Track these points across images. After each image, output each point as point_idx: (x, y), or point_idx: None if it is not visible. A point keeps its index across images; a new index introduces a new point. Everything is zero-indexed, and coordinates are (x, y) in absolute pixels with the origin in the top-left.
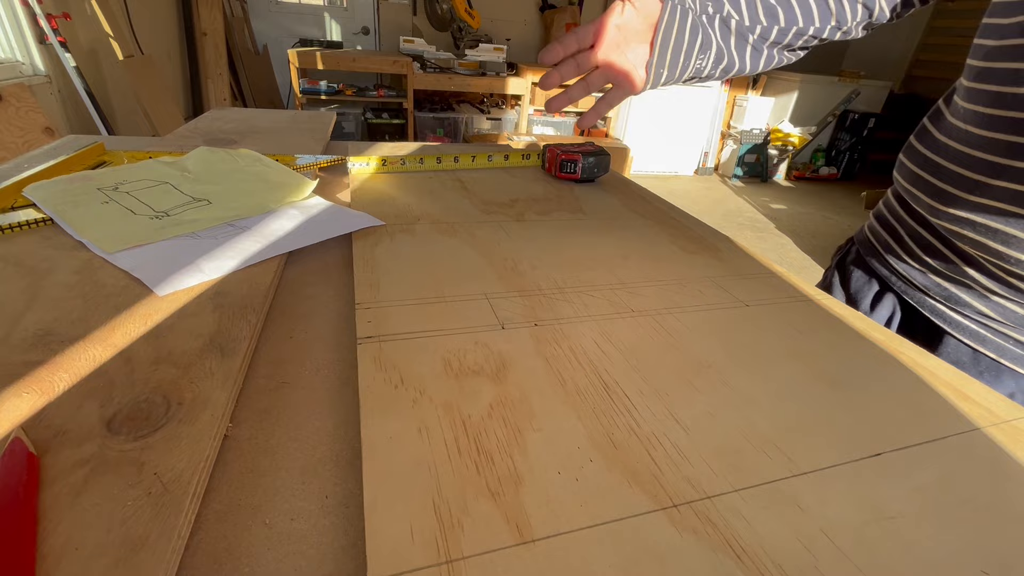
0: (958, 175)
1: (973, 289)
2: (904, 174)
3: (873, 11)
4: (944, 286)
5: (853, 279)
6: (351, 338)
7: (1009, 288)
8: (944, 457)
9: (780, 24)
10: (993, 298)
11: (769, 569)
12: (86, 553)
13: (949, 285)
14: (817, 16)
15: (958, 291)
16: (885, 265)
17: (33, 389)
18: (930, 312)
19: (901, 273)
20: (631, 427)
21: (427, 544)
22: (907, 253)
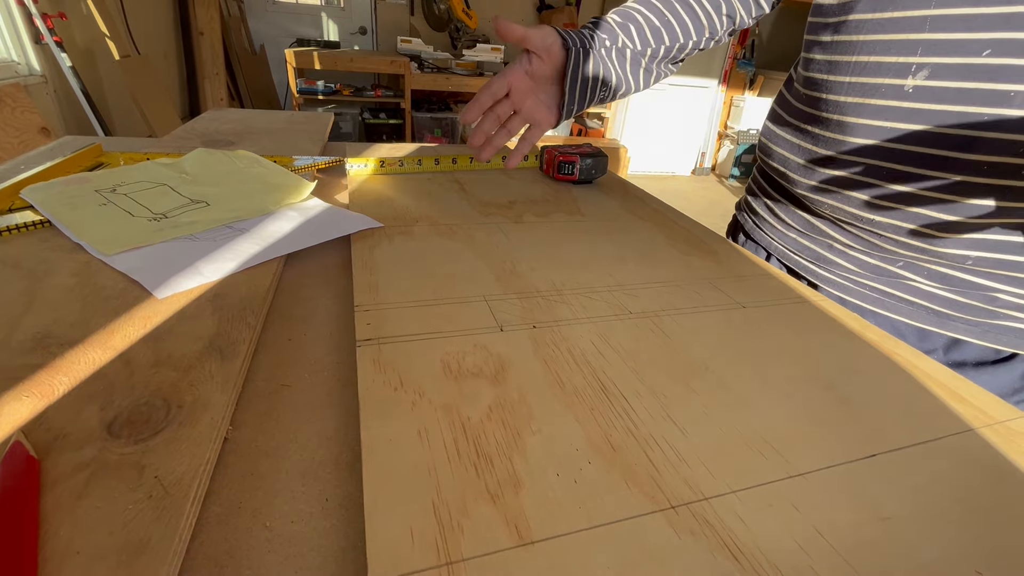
0: (806, 149)
1: (836, 248)
2: (763, 150)
3: (735, 19)
4: (813, 248)
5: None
6: (350, 340)
7: (865, 243)
8: (938, 458)
9: (665, 43)
10: (852, 253)
11: (766, 569)
12: (88, 556)
13: (817, 248)
14: (694, 31)
15: (824, 252)
16: (762, 232)
17: (33, 392)
18: (804, 272)
19: (775, 238)
20: (629, 429)
21: (427, 546)
22: (781, 224)
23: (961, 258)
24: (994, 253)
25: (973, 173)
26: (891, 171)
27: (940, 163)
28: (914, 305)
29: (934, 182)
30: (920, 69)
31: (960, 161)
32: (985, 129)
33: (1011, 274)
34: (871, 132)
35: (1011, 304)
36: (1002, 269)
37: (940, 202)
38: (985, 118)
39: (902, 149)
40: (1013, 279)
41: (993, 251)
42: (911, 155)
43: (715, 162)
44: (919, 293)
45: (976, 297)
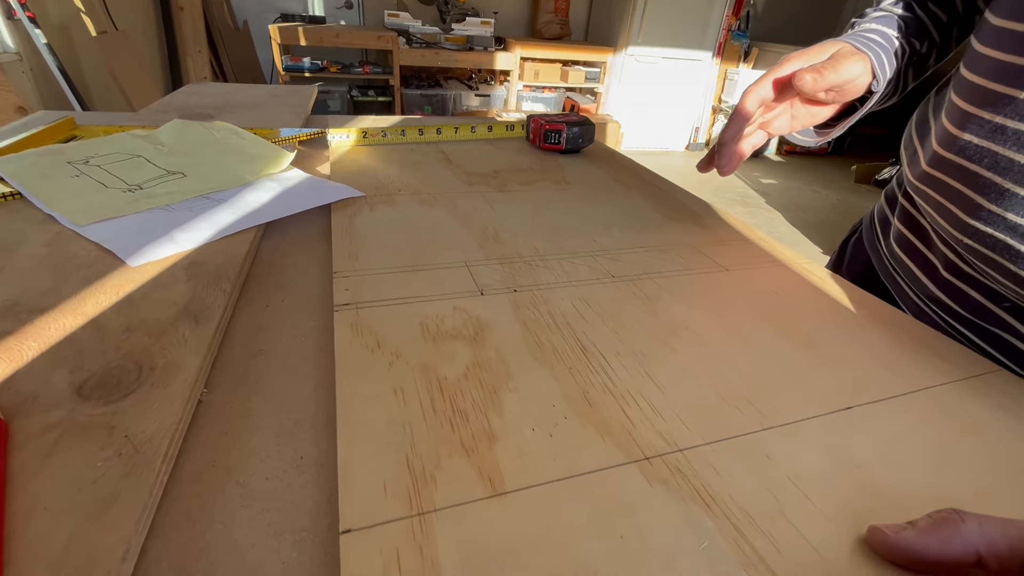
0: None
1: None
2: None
3: None
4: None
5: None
6: (328, 307)
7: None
8: (912, 410)
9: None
10: (949, 276)
11: (736, 515)
12: (56, 511)
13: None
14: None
15: (919, 272)
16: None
17: (2, 357)
18: (900, 296)
19: (884, 249)
20: (606, 386)
21: (400, 498)
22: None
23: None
24: None
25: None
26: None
27: None
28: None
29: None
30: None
31: None
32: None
33: None
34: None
35: None
36: None
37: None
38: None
39: (1003, 154)
40: None
41: None
42: (1010, 165)
43: (709, 137)
44: (1016, 355)
45: None
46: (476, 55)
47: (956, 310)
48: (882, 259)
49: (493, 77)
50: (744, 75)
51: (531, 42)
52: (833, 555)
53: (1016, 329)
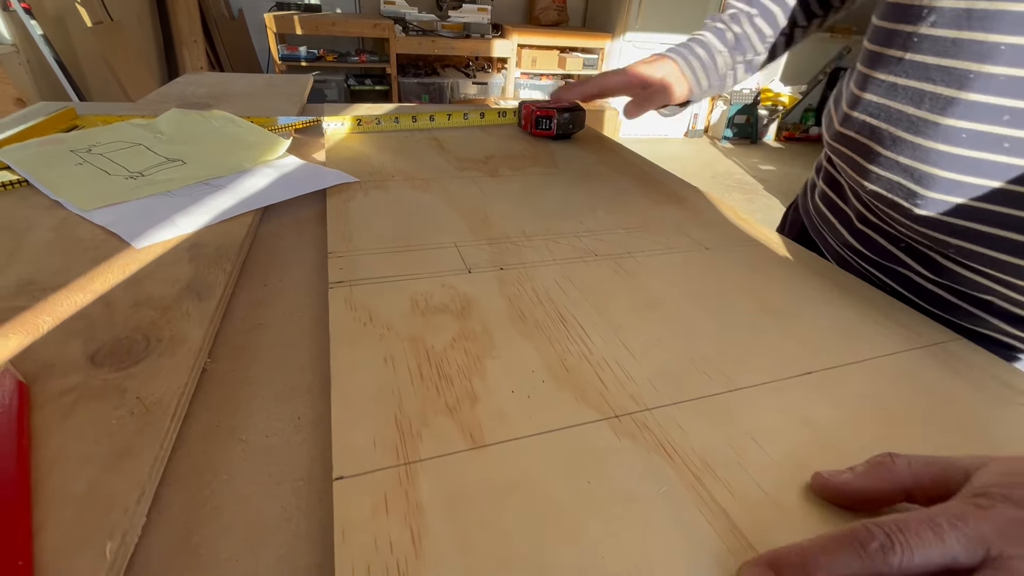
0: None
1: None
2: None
3: None
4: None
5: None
6: (323, 286)
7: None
8: (870, 374)
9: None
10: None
11: (696, 464)
12: (76, 461)
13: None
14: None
15: (840, 226)
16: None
17: (19, 331)
18: (831, 254)
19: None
20: (583, 354)
21: (388, 450)
22: (818, 196)
23: (942, 244)
24: (977, 246)
25: (950, 142)
26: (881, 132)
27: (920, 126)
28: (905, 300)
29: (911, 148)
30: (930, 13)
31: (940, 127)
32: (967, 89)
33: (1000, 274)
34: (878, 87)
35: (1003, 314)
36: (988, 267)
37: (917, 173)
38: (970, 76)
39: (894, 107)
40: (1004, 282)
41: (976, 243)
42: (899, 114)
43: (708, 124)
44: (915, 289)
45: (969, 300)
46: (473, 42)
47: (866, 254)
48: (811, 218)
49: (490, 65)
50: None
51: (528, 29)
52: (781, 497)
53: (910, 264)
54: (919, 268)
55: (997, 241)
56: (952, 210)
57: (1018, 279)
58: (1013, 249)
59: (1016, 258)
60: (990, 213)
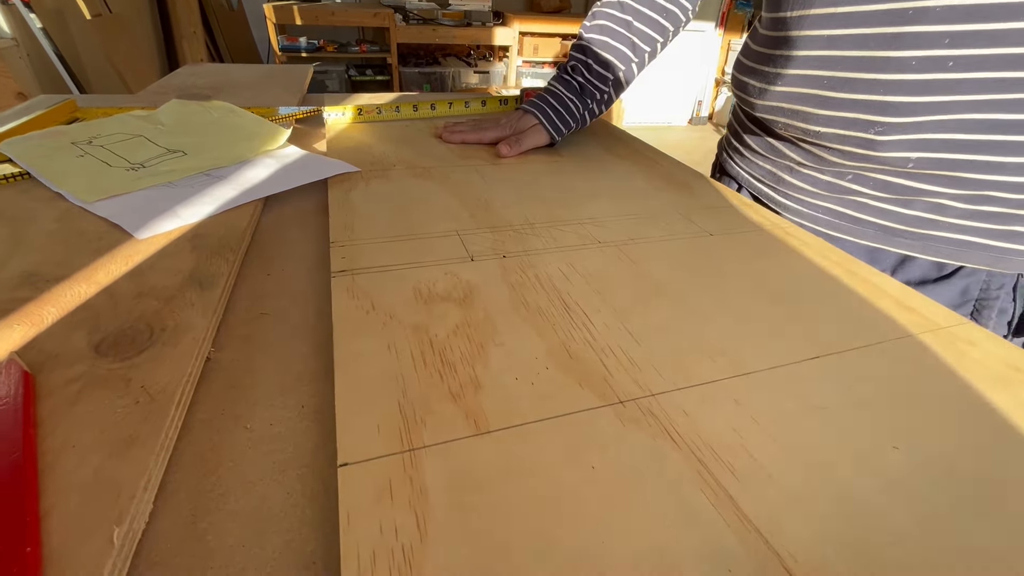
0: (759, 70)
1: (795, 170)
2: (733, 82)
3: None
4: (774, 172)
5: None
6: (326, 275)
7: (818, 159)
8: (877, 359)
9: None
10: (807, 172)
11: (700, 449)
12: (83, 449)
13: (778, 171)
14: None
15: (784, 175)
16: (732, 163)
17: (23, 322)
18: (767, 199)
19: (744, 168)
20: (587, 340)
21: (392, 437)
22: (746, 149)
23: (902, 161)
24: (935, 153)
25: (904, 71)
26: (829, 79)
27: (871, 64)
28: (862, 223)
29: (867, 84)
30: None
31: (890, 60)
32: (909, 23)
33: (952, 174)
34: (810, 43)
35: (955, 212)
36: (943, 169)
37: (876, 105)
38: (910, 12)
39: (838, 56)
40: (955, 180)
41: (933, 151)
42: (847, 60)
43: (712, 111)
44: (868, 209)
45: (921, 207)
46: (474, 31)
47: (818, 193)
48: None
49: (492, 53)
50: None
51: (530, 16)
52: (788, 481)
53: (861, 191)
54: (870, 191)
55: (952, 144)
56: (911, 127)
57: (971, 173)
58: (965, 147)
59: (969, 154)
60: (944, 123)
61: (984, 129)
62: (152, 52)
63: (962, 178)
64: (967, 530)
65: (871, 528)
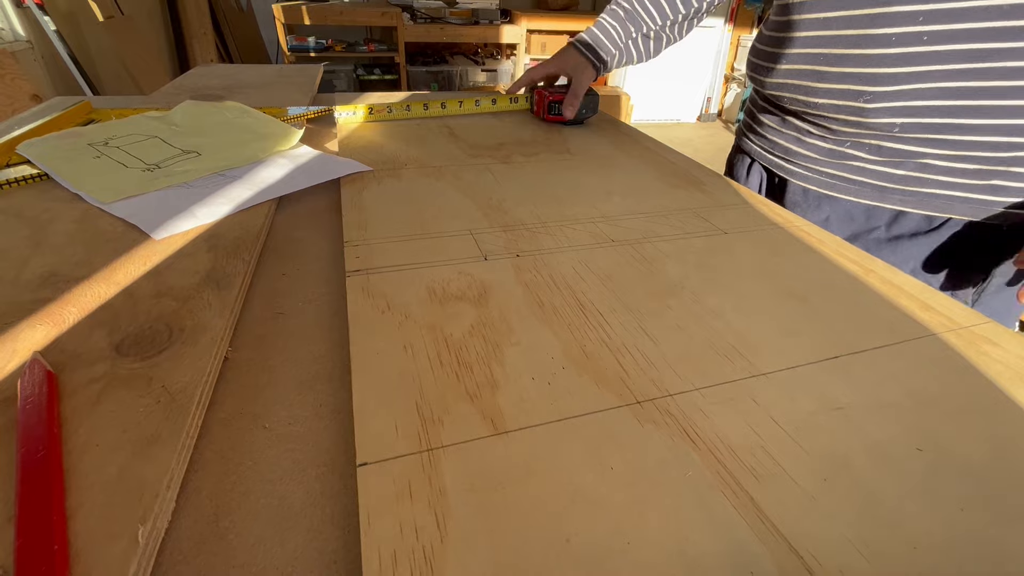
0: (769, 52)
1: (801, 140)
2: (748, 66)
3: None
4: (783, 144)
5: (735, 164)
6: (341, 275)
7: (821, 128)
8: (898, 358)
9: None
10: (811, 141)
11: (720, 449)
12: (106, 448)
13: (786, 143)
14: None
15: (792, 145)
16: (747, 141)
17: (45, 322)
18: (776, 169)
19: (757, 143)
20: (603, 340)
21: (410, 437)
22: (760, 127)
23: (889, 126)
24: (916, 118)
25: (884, 46)
26: (824, 56)
27: (857, 41)
28: (860, 184)
29: (855, 59)
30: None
31: (874, 36)
32: (887, 4)
33: (935, 136)
34: (807, 24)
35: (940, 170)
36: (926, 132)
37: (863, 77)
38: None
39: (828, 35)
40: (938, 141)
41: (915, 116)
42: (838, 38)
43: (721, 107)
44: (863, 172)
45: (910, 167)
46: (481, 29)
47: (822, 159)
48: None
49: (499, 51)
50: None
51: (538, 14)
52: (809, 482)
53: (857, 155)
54: (865, 155)
55: (933, 110)
56: (894, 95)
57: (952, 135)
58: (944, 112)
59: (948, 118)
60: (923, 91)
61: (959, 96)
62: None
63: (944, 139)
64: (994, 534)
65: (895, 531)
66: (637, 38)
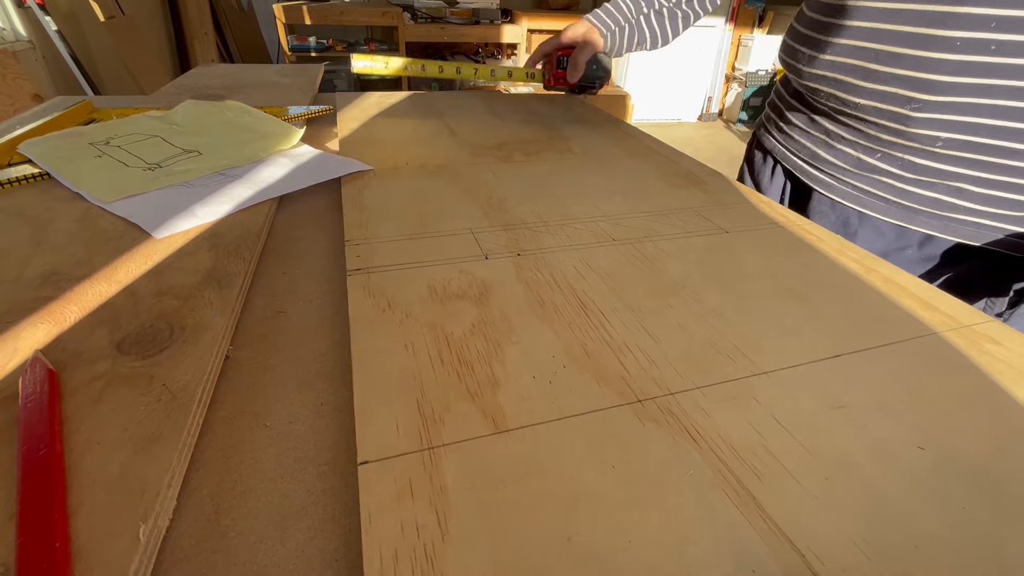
0: (811, 38)
1: (824, 141)
2: (784, 50)
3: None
4: (806, 145)
5: (755, 161)
6: (341, 273)
7: (853, 131)
8: (899, 357)
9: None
10: (840, 147)
11: (722, 448)
12: (108, 446)
13: (813, 146)
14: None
15: (819, 150)
16: (771, 139)
17: (47, 320)
18: (801, 173)
19: (781, 141)
20: (604, 339)
21: (411, 435)
22: (786, 124)
23: (931, 140)
24: (962, 135)
25: (947, 50)
26: (876, 52)
27: (918, 41)
28: (889, 203)
29: (912, 60)
30: None
31: (936, 38)
32: (958, 4)
33: (976, 157)
34: (862, 13)
35: (973, 196)
36: (968, 152)
37: (916, 81)
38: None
39: (886, 29)
40: (977, 163)
41: (962, 133)
42: (894, 34)
43: (722, 107)
44: (892, 190)
45: (941, 189)
46: (482, 28)
47: (844, 167)
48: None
49: (500, 51)
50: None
51: (538, 13)
52: (811, 481)
53: (885, 169)
54: (895, 171)
55: (980, 128)
56: (946, 107)
57: (992, 157)
58: (991, 132)
59: (993, 139)
60: (977, 107)
61: (1012, 116)
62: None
63: (984, 161)
64: (996, 532)
65: (898, 530)
66: (650, 14)
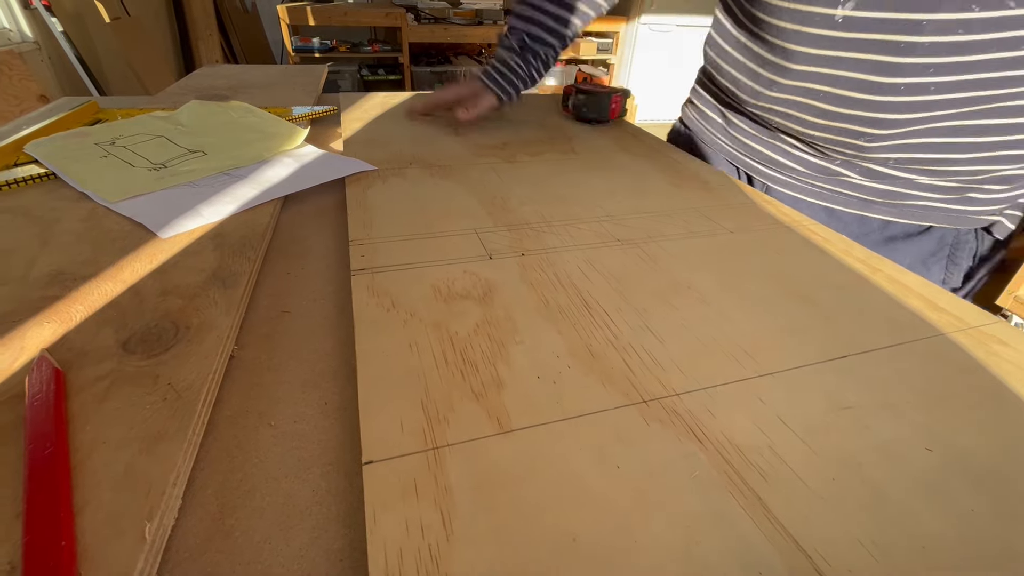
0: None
1: (781, 148)
2: (715, 70)
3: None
4: (765, 152)
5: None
6: (346, 274)
7: (811, 148)
8: (906, 358)
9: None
10: (799, 154)
11: (727, 449)
12: (113, 445)
13: (769, 152)
14: None
15: (776, 155)
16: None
17: (53, 319)
18: (756, 174)
19: (723, 141)
20: (609, 339)
21: (416, 435)
22: (734, 130)
23: (884, 160)
24: (912, 153)
25: (893, 94)
26: (828, 94)
27: (868, 87)
28: (848, 196)
29: (862, 104)
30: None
31: (885, 85)
32: (902, 55)
33: (925, 167)
34: (810, 59)
35: (923, 186)
36: (918, 164)
37: (867, 120)
38: (902, 45)
39: (837, 75)
40: (927, 170)
41: (911, 152)
42: (845, 80)
43: None
44: (852, 187)
45: (897, 183)
46: (485, 29)
47: (811, 173)
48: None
49: None
50: None
51: None
52: (818, 482)
53: (844, 173)
54: (855, 175)
55: (926, 146)
56: (895, 136)
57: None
58: (936, 148)
59: (938, 153)
60: (921, 131)
61: (954, 133)
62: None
63: (932, 169)
64: (1004, 534)
65: (905, 531)
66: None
